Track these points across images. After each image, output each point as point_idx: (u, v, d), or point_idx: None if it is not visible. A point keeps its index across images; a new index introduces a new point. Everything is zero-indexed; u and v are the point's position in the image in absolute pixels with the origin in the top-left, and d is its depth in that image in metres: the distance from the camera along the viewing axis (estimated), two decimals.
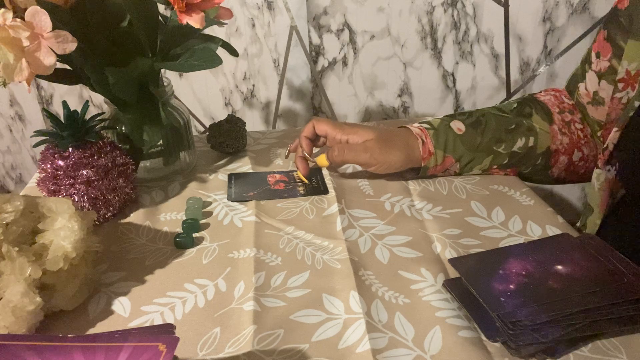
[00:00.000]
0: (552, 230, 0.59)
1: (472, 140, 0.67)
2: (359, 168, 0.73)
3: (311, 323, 0.47)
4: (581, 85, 0.70)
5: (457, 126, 0.68)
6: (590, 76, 0.67)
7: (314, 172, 0.72)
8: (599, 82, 0.65)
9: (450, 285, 0.50)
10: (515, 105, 0.71)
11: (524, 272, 0.48)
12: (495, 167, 0.69)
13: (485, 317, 0.45)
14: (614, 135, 0.59)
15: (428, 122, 0.69)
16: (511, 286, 0.47)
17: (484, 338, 0.44)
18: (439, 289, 0.50)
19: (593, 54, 0.67)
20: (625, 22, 0.61)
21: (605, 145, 0.60)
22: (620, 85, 0.62)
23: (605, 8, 1.06)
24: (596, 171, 0.62)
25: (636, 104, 0.57)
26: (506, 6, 1.06)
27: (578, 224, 0.67)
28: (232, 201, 0.66)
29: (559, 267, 0.49)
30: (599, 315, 0.44)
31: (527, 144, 0.68)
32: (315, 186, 0.69)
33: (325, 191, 0.68)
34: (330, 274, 0.53)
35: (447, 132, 0.67)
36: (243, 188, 0.69)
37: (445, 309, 0.48)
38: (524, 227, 0.59)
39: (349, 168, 0.74)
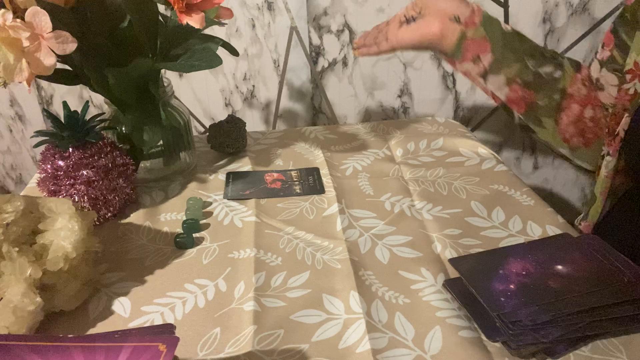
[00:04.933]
0: (552, 230, 0.59)
1: (512, 42, 0.69)
2: (361, 166, 0.73)
3: (311, 323, 0.47)
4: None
5: (506, 26, 0.70)
6: (594, 64, 0.70)
7: (311, 172, 0.72)
8: (601, 70, 0.68)
9: (451, 285, 0.50)
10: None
11: (524, 272, 0.48)
12: (518, 80, 0.70)
13: (486, 317, 0.45)
14: (624, 121, 0.59)
15: None
16: (511, 286, 0.47)
17: (484, 338, 0.44)
18: (439, 289, 0.50)
19: (599, 46, 0.70)
20: (629, 16, 0.63)
21: (616, 132, 0.60)
22: (627, 77, 0.63)
23: (605, 8, 1.06)
24: (606, 158, 0.62)
25: None
26: (506, 7, 1.06)
27: (581, 215, 0.68)
28: (229, 199, 0.66)
29: (559, 267, 0.49)
30: (599, 315, 0.44)
31: (552, 74, 0.69)
32: (312, 185, 0.69)
33: (321, 190, 0.68)
34: (331, 274, 0.53)
35: (496, 23, 0.70)
36: (240, 186, 0.69)
37: (445, 309, 0.48)
38: (524, 227, 0.59)
39: (349, 168, 0.74)
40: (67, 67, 0.64)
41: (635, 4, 0.62)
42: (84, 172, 0.59)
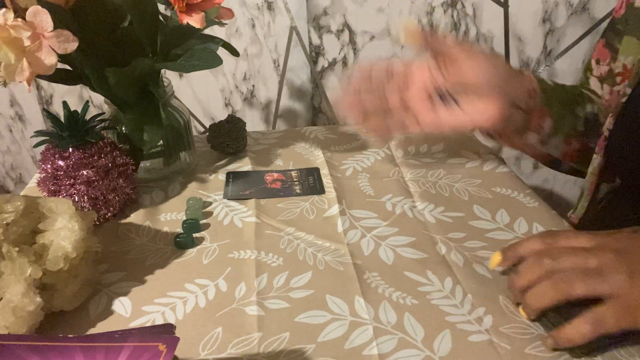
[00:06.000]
0: None
1: (560, 93, 0.63)
2: (361, 167, 0.73)
3: (316, 323, 0.46)
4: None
5: (547, 80, 0.62)
6: (593, 81, 0.69)
7: (311, 172, 0.72)
8: (602, 86, 0.67)
9: None
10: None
11: None
12: (573, 133, 0.63)
13: None
14: (609, 121, 0.59)
15: None
16: None
17: (494, 340, 0.44)
18: (447, 294, 0.49)
19: (593, 61, 0.69)
20: (622, 27, 0.63)
21: (601, 132, 0.61)
22: (618, 79, 0.63)
23: (605, 8, 1.06)
24: (594, 157, 0.62)
25: (628, 90, 0.58)
26: (506, 7, 1.06)
27: (572, 209, 0.68)
28: (229, 199, 0.66)
29: None
30: None
31: (592, 111, 0.65)
32: (312, 185, 0.69)
33: (321, 190, 0.67)
34: (333, 275, 0.52)
35: (545, 82, 0.61)
36: (240, 186, 0.69)
37: (455, 314, 0.47)
38: (530, 229, 0.59)
39: (349, 168, 0.73)
40: (67, 67, 0.63)
41: (627, 13, 0.63)
42: (84, 172, 0.59)
